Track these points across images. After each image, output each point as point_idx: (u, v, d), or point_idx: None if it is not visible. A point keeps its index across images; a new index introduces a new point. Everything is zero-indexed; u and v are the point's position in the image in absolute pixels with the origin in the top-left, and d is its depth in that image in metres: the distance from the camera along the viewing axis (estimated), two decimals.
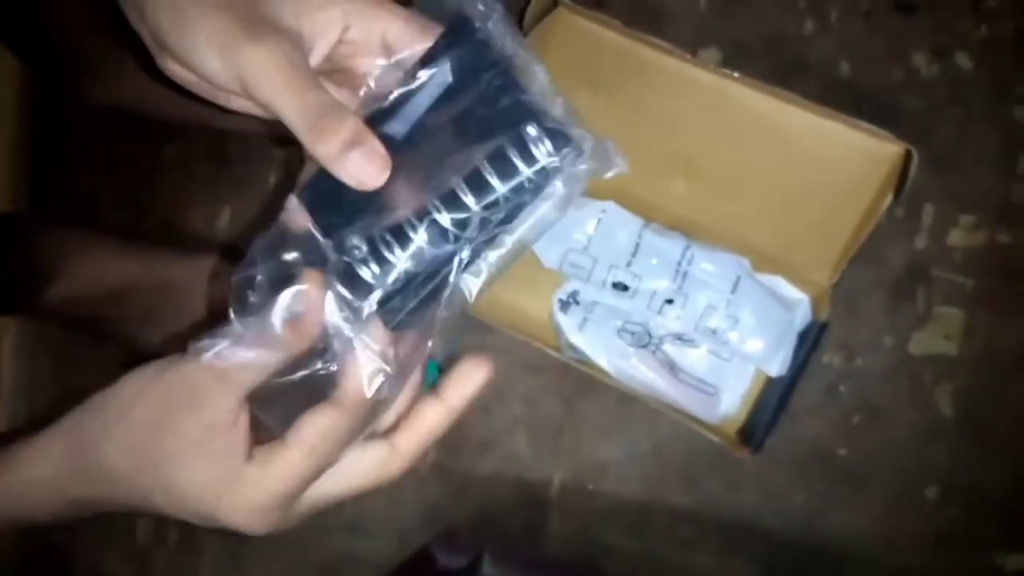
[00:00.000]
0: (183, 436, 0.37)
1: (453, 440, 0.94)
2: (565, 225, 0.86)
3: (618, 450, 0.91)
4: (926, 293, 0.87)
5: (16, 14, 0.82)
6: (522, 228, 0.35)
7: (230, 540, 0.98)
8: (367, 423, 0.38)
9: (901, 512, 0.87)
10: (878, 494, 0.88)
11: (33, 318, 1.00)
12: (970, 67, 0.87)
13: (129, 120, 0.94)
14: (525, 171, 0.34)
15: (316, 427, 0.36)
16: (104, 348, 0.99)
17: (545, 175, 0.34)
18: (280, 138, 0.94)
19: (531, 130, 0.34)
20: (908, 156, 0.72)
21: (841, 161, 0.78)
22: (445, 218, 0.34)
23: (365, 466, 0.39)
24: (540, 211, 0.35)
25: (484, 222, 0.34)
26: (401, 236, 0.35)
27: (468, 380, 0.40)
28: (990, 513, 0.87)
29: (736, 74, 0.76)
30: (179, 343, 0.94)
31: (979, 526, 0.87)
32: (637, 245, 0.85)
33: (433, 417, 0.39)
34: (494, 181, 0.34)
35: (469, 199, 0.34)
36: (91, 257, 0.90)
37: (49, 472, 0.41)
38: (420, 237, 0.35)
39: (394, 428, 0.40)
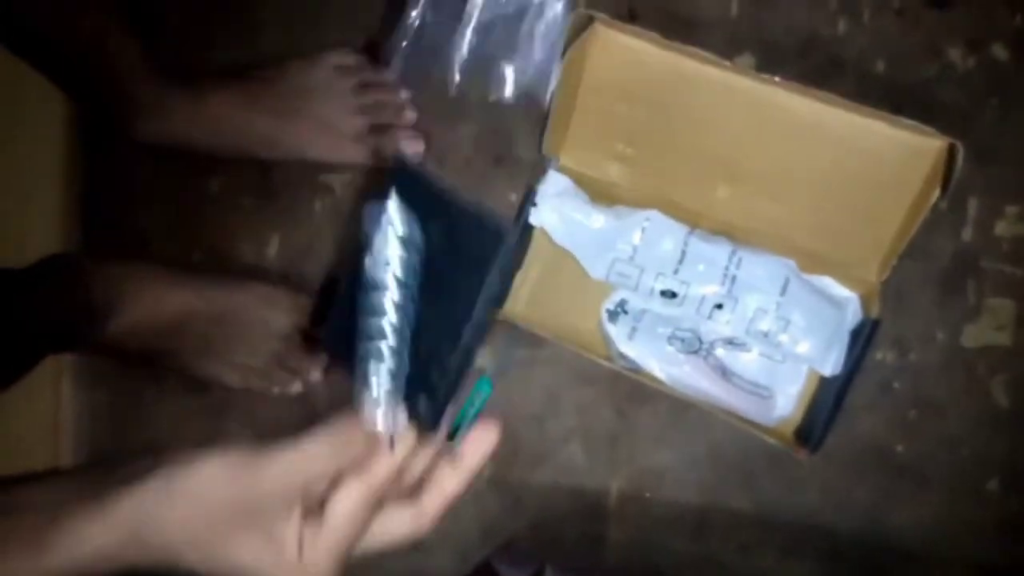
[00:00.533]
0: (248, 542, 0.43)
1: (508, 452, 0.95)
2: (610, 235, 0.88)
3: (674, 456, 0.92)
4: (976, 285, 0.87)
5: (65, 55, 0.85)
6: None
7: None
8: (391, 483, 0.44)
9: (963, 505, 0.87)
10: (939, 488, 0.88)
11: (91, 353, 1.02)
12: (1006, 57, 0.87)
13: (174, 154, 0.97)
14: None
15: (348, 504, 0.42)
16: (160, 377, 1.01)
17: None
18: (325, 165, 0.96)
19: None
20: (952, 150, 0.72)
21: (884, 158, 0.78)
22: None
23: (397, 525, 0.45)
24: None
25: None
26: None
27: (481, 443, 0.47)
28: None
29: (776, 78, 0.77)
30: (234, 371, 0.95)
31: None
32: (683, 252, 0.86)
33: (453, 482, 0.46)
34: None
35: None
36: (146, 291, 0.92)
37: (111, 546, 0.43)
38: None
39: (419, 487, 0.46)
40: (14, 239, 1.01)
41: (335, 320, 0.49)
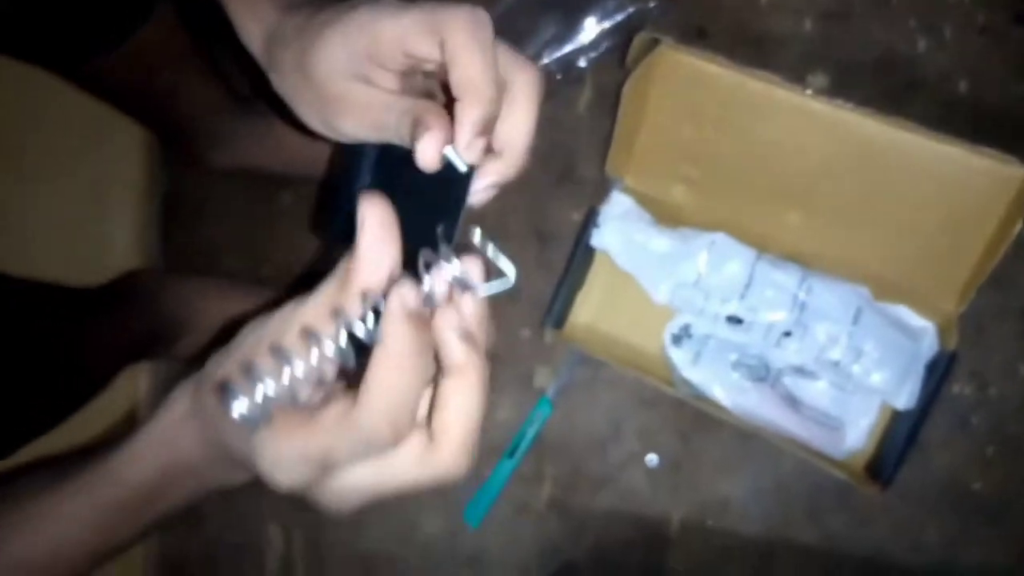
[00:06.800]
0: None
1: (569, 475, 0.94)
2: (674, 258, 0.86)
3: (739, 486, 0.90)
4: None
5: (143, 105, 0.87)
6: None
7: (356, 569, 1.01)
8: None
9: None
10: (1017, 529, 0.84)
11: (166, 362, 1.06)
12: None
13: (247, 175, 0.99)
14: None
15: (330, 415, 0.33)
16: None
17: None
18: None
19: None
20: None
21: (963, 187, 0.75)
22: None
23: (404, 454, 0.33)
24: None
25: None
26: None
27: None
28: None
29: (849, 104, 0.74)
30: None
31: None
32: (751, 276, 0.84)
33: (459, 392, 0.33)
34: None
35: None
36: (215, 307, 0.94)
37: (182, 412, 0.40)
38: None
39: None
40: (96, 255, 1.05)
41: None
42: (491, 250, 0.35)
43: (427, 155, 0.37)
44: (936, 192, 0.77)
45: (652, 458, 0.92)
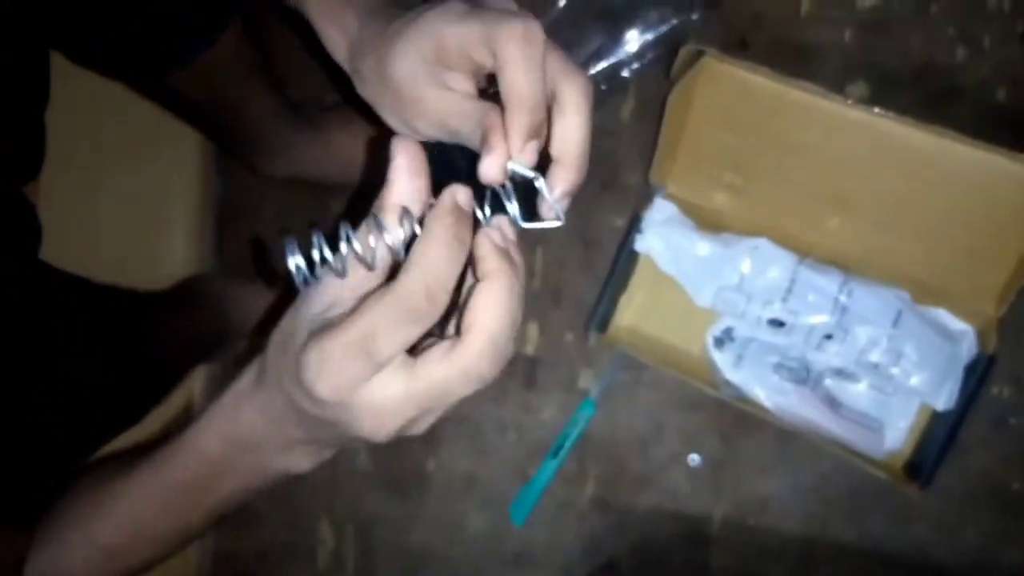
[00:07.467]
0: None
1: (612, 474, 0.96)
2: (717, 262, 0.88)
3: (779, 485, 0.92)
4: None
5: (208, 116, 0.90)
6: None
7: (404, 566, 1.04)
8: (419, 312, 0.35)
9: None
10: None
11: (222, 365, 1.09)
12: None
13: (300, 182, 1.02)
14: None
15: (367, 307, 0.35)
16: None
17: None
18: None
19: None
20: None
21: (1002, 193, 0.76)
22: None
23: (432, 351, 0.36)
24: None
25: None
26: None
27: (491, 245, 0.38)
28: None
29: (889, 112, 0.76)
30: None
31: None
32: (792, 281, 0.86)
33: (479, 293, 0.36)
34: None
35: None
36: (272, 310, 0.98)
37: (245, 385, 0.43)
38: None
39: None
40: (154, 259, 1.09)
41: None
42: (549, 195, 0.41)
43: (490, 173, 0.39)
44: (975, 198, 0.78)
45: (694, 458, 0.94)
